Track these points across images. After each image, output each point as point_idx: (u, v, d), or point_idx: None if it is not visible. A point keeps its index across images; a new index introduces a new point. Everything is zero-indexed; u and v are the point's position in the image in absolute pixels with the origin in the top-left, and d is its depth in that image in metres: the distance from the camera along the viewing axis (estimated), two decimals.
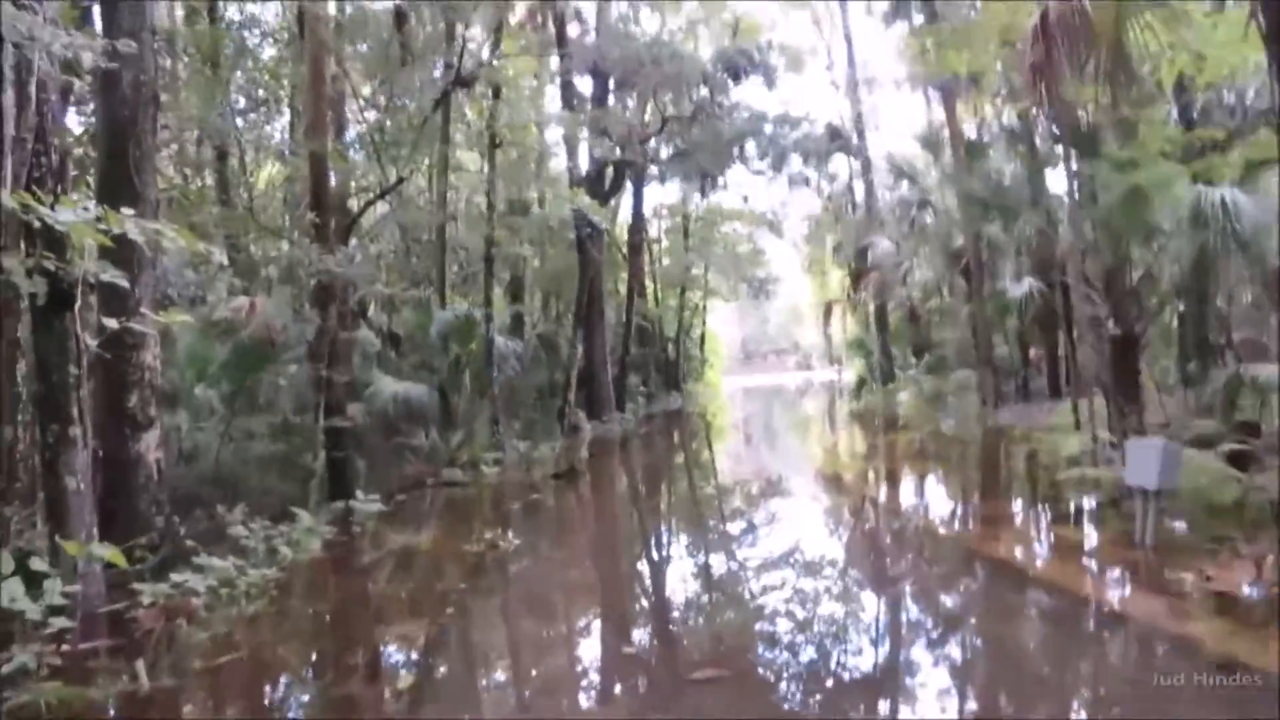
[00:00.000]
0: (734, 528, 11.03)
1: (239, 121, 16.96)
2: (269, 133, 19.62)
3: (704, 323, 44.90)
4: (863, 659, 5.88)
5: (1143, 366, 13.13)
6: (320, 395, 12.89)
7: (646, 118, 24.41)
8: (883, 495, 13.36)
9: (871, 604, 7.34)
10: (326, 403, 13.01)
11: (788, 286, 57.03)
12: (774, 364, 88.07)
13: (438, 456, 16.55)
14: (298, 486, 12.23)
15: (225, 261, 18.69)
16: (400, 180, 13.63)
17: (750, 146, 22.19)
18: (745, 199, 26.27)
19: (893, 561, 8.75)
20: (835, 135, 24.45)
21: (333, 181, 16.27)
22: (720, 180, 24.30)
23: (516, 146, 17.68)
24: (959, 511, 11.64)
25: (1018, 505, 11.44)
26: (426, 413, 17.30)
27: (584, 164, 24.28)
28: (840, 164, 40.62)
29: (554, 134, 25.08)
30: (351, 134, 20.34)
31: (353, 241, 14.45)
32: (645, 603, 7.83)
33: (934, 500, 12.77)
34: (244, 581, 7.74)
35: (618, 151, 21.50)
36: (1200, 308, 15.79)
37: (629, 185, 26.93)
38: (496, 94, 16.70)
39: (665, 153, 24.77)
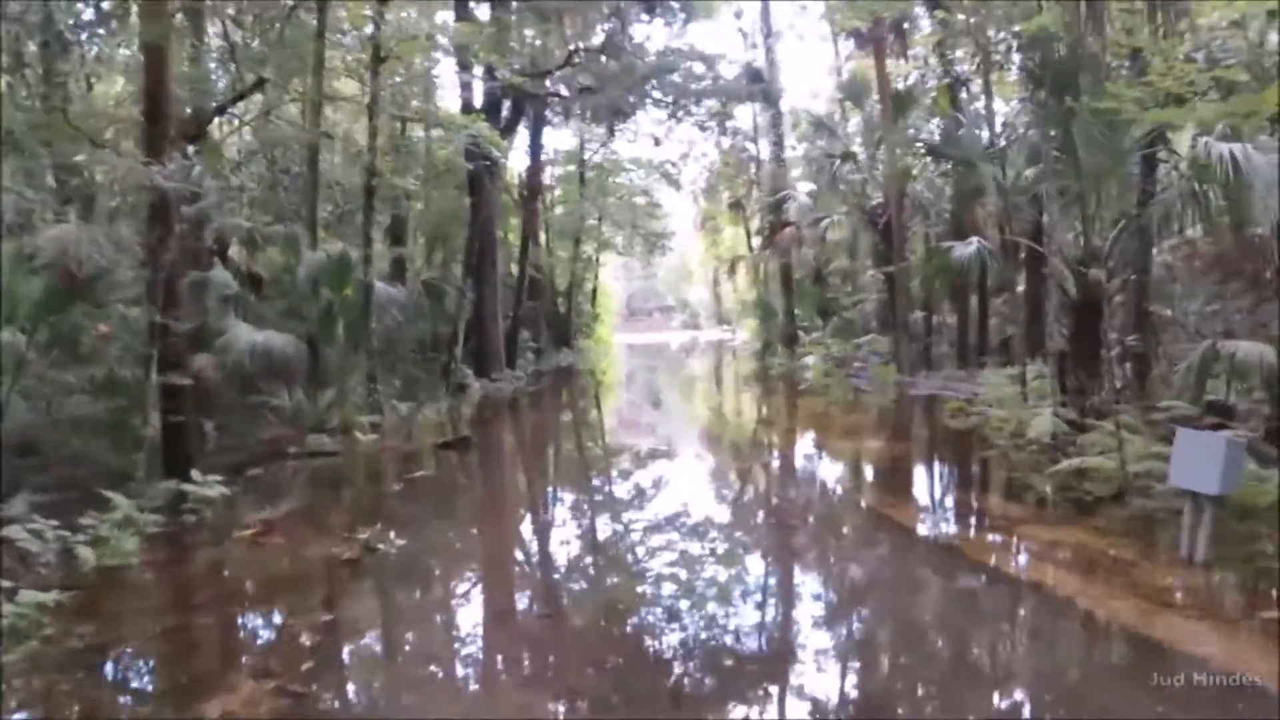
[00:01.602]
0: (659, 521, 9.03)
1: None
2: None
3: (596, 277, 42.90)
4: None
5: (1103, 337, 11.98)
6: (154, 345, 10.43)
7: (550, 48, 22.06)
8: (831, 484, 11.28)
9: (852, 640, 5.69)
10: (162, 354, 10.56)
11: (678, 243, 55.58)
12: (658, 322, 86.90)
13: (304, 419, 14.20)
14: (124, 458, 9.87)
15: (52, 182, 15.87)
16: (260, 82, 11.09)
17: (664, 85, 20.21)
18: (657, 141, 24.30)
19: (870, 588, 6.79)
20: (756, 77, 22.75)
21: (180, 92, 13.62)
22: (630, 120, 22.24)
23: (403, 66, 15.14)
24: (938, 509, 9.45)
25: (1005, 501, 9.37)
26: (291, 367, 14.90)
27: (479, 96, 21.84)
28: (744, 116, 39.29)
29: (445, 65, 22.61)
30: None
31: (195, 166, 11.85)
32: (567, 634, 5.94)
33: (899, 490, 10.49)
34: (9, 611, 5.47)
35: (516, 82, 19.16)
36: (1142, 276, 14.83)
37: (526, 124, 24.56)
38: None
39: (567, 92, 22.49)
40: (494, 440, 15.05)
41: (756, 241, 44.91)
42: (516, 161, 30.33)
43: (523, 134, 27.10)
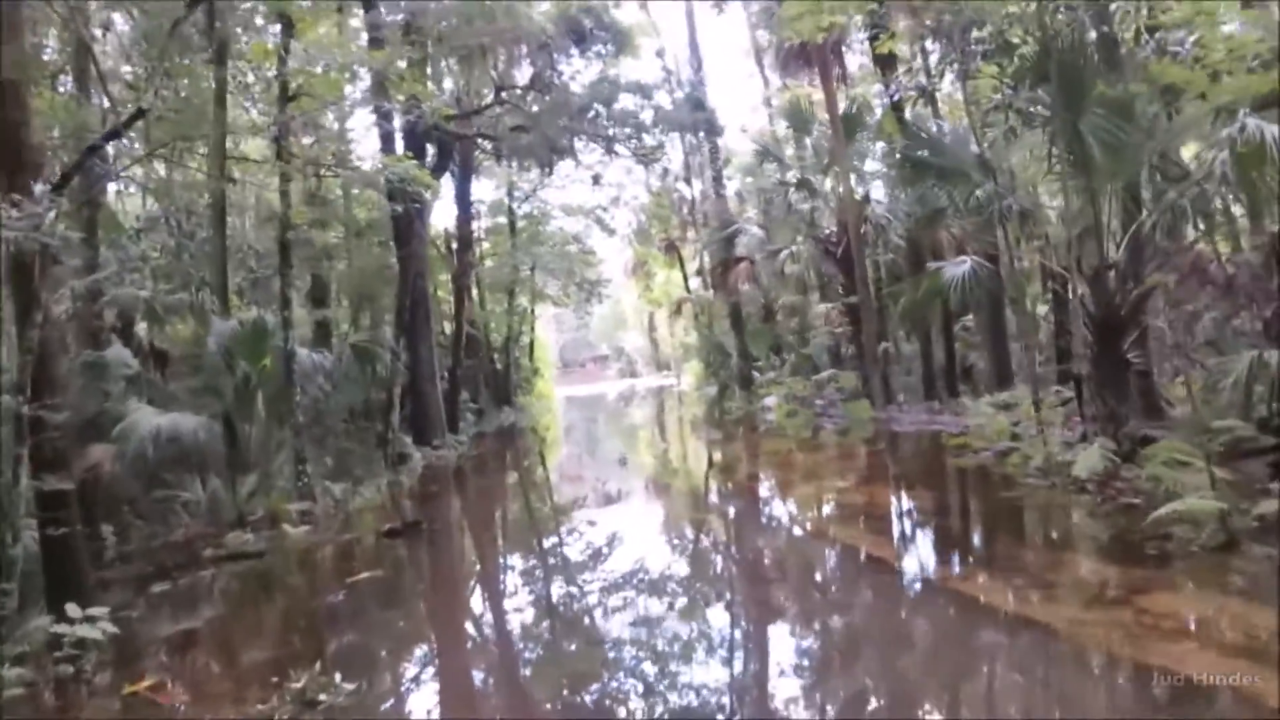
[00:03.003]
0: (663, 622, 6.97)
1: None
2: None
3: (532, 329, 41.13)
4: None
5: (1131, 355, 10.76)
6: (22, 444, 8.44)
7: (475, 88, 20.56)
8: (859, 555, 8.81)
9: None
10: (35, 453, 8.58)
11: (610, 290, 54.18)
12: (593, 372, 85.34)
13: (222, 513, 12.20)
14: None
15: None
16: (140, 113, 9.26)
17: (601, 118, 18.81)
18: (597, 179, 22.77)
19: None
20: (698, 105, 21.59)
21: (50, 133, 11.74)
22: (565, 159, 20.76)
23: (313, 104, 13.38)
24: (1012, 578, 6.89)
25: (1086, 559, 7.43)
26: (204, 452, 12.95)
27: (400, 144, 20.16)
28: (674, 156, 38.25)
29: (361, 117, 20.94)
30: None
31: (50, 213, 9.97)
32: None
33: (945, 555, 8.26)
34: None
35: (441, 122, 17.58)
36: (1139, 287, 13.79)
37: (453, 169, 22.96)
38: (288, 27, 12.45)
39: (495, 133, 20.96)
40: (446, 523, 13.05)
41: (695, 282, 43.88)
42: (441, 217, 28.70)
43: (447, 184, 25.56)
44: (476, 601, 8.55)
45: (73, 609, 6.57)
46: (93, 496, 12.67)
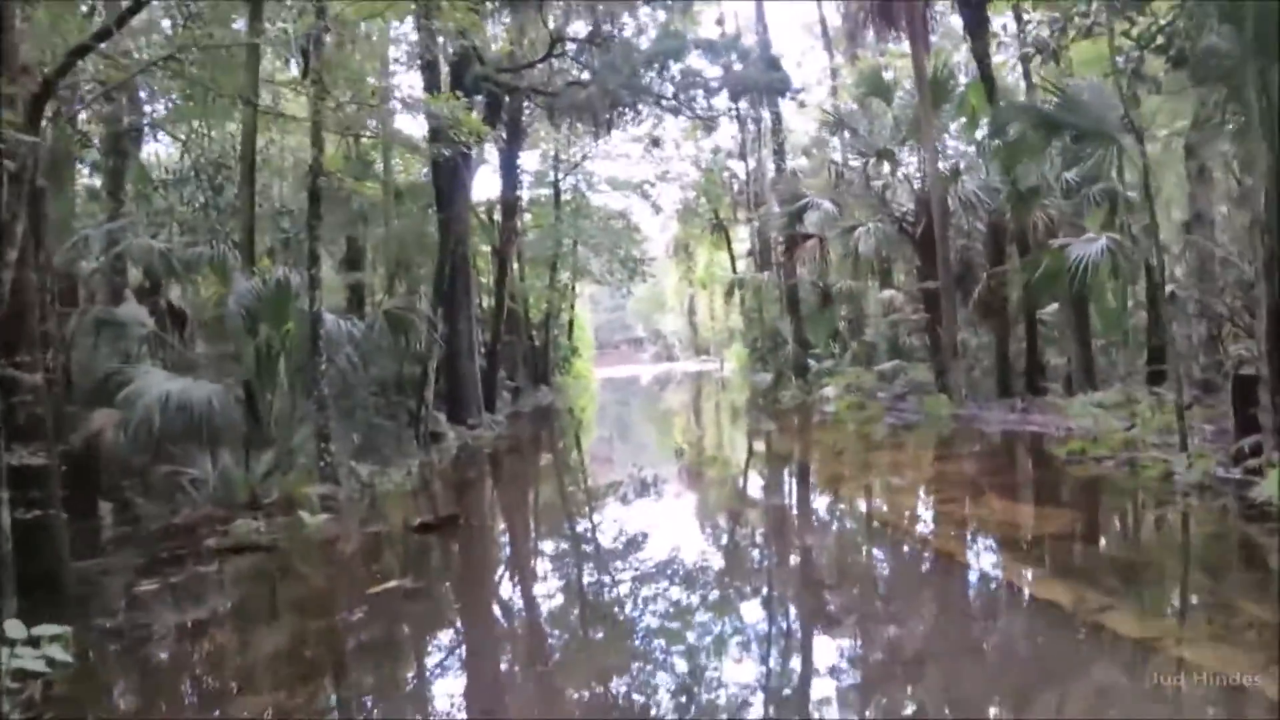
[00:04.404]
0: (781, 680, 5.20)
1: None
2: None
3: (572, 307, 39.60)
4: None
5: None
6: None
7: (530, 41, 18.93)
8: (1021, 592, 6.68)
9: None
10: (6, 421, 7.15)
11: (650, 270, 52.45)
12: (627, 354, 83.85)
13: (234, 493, 10.78)
14: None
15: None
16: (136, 7, 7.70)
17: (668, 74, 17.10)
18: (656, 143, 21.03)
19: None
20: (773, 65, 19.77)
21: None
22: (626, 118, 19.09)
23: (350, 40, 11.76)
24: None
25: None
26: (216, 424, 11.54)
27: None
28: (722, 134, 36.39)
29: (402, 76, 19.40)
30: None
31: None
32: None
33: (1147, 607, 6.02)
34: None
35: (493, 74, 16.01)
36: None
37: (500, 129, 21.35)
38: None
39: (551, 87, 19.32)
40: (486, 517, 11.42)
41: (743, 264, 42.07)
42: (482, 188, 27.12)
43: (490, 149, 24.02)
44: (537, 632, 6.46)
45: (13, 626, 5.04)
46: (92, 469, 11.38)
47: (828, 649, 5.71)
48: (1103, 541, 8.38)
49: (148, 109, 18.52)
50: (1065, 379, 18.49)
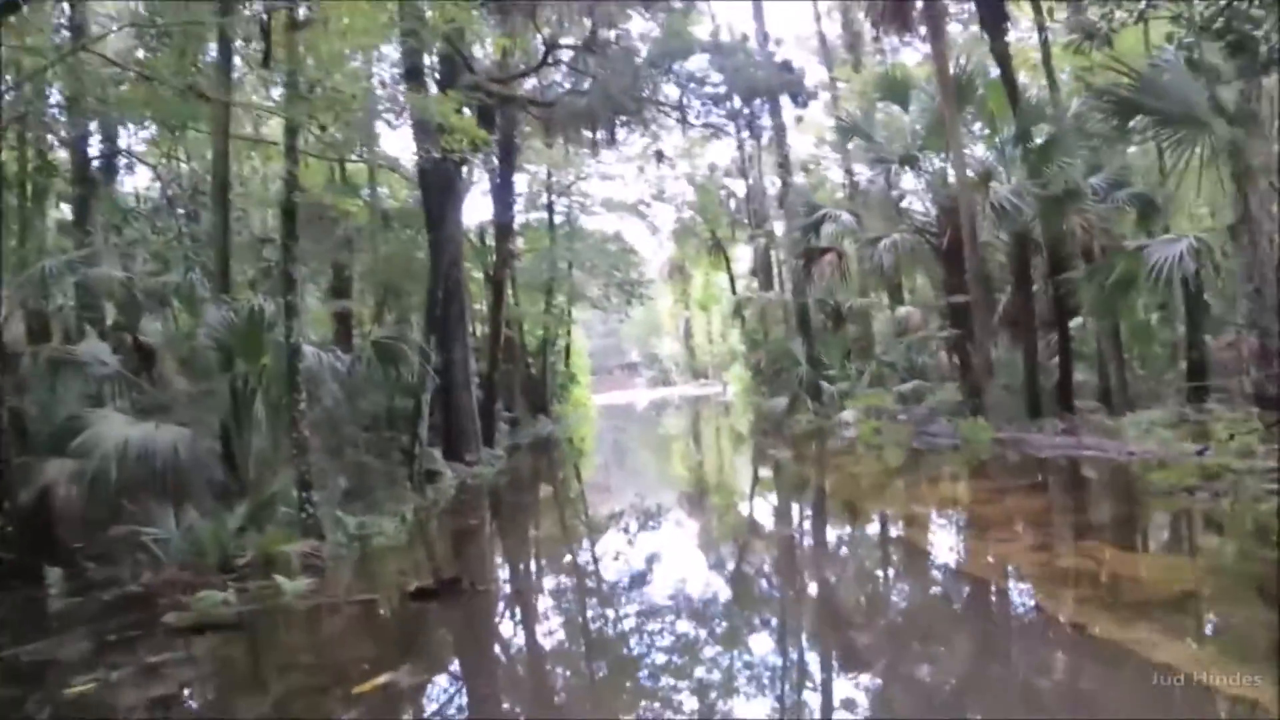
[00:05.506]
0: None
1: None
2: None
3: (569, 332, 38.25)
4: None
5: None
6: None
7: (521, 52, 17.75)
8: None
9: None
10: None
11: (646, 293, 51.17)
12: (622, 379, 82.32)
13: (203, 553, 9.40)
14: None
15: None
16: None
17: (673, 79, 15.93)
18: (660, 155, 19.85)
19: None
20: (786, 67, 18.60)
21: None
22: (630, 124, 17.89)
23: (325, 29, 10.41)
24: None
25: None
26: (184, 474, 10.25)
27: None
28: (720, 151, 35.37)
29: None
30: None
31: None
32: None
33: None
34: None
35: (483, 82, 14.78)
36: None
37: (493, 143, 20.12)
38: None
39: (545, 97, 18.13)
40: (495, 577, 9.74)
41: (742, 284, 40.86)
42: (473, 212, 25.89)
43: (480, 173, 22.86)
44: None
45: None
46: (43, 528, 10.06)
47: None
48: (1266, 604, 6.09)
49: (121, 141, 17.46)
50: (1099, 396, 17.34)
